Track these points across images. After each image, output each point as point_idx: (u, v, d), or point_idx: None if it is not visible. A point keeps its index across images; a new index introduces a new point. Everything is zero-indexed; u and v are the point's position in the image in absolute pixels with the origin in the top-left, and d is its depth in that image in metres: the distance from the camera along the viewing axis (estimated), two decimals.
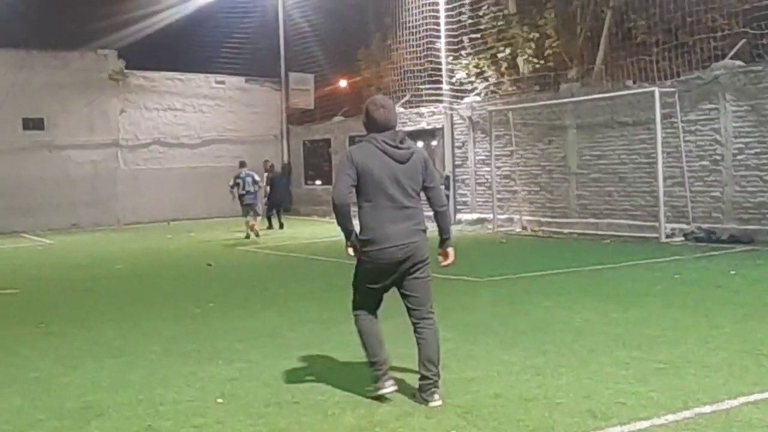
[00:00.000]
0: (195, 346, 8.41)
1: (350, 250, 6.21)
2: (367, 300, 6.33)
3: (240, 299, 11.55)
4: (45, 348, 8.67)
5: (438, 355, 6.14)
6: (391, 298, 6.36)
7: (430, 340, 6.16)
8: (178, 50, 29.82)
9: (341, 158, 6.13)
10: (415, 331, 6.24)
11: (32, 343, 8.98)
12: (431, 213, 6.47)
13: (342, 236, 6.21)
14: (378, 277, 6.15)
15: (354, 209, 5.92)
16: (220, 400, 6.33)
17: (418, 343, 6.18)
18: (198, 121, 31.43)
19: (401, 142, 6.15)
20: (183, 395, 6.54)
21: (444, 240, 6.54)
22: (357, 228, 6.13)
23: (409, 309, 6.29)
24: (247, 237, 20.69)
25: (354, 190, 6.07)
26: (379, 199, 6.04)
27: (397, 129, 6.25)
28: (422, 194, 6.29)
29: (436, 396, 6.01)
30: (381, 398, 6.11)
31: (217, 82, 31.99)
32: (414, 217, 6.17)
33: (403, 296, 6.29)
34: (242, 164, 22.36)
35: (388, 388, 6.13)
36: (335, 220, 6.19)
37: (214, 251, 18.65)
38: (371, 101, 6.28)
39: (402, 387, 6.31)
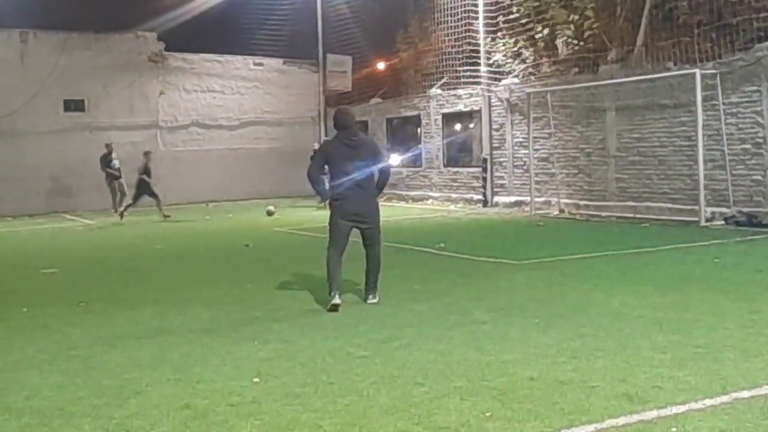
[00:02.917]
0: (232, 326, 8.49)
1: (328, 205, 9.72)
2: (336, 238, 9.56)
3: (277, 280, 11.59)
4: (85, 326, 8.79)
5: (376, 269, 9.65)
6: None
7: (371, 265, 9.65)
8: (217, 32, 29.87)
9: (318, 150, 10.58)
10: (366, 255, 9.71)
11: (73, 321, 9.11)
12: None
13: None
14: (342, 221, 9.48)
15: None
16: (256, 380, 6.38)
17: (366, 261, 9.68)
18: (236, 103, 31.54)
19: (353, 137, 9.59)
20: (219, 374, 6.60)
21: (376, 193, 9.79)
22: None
23: (363, 242, 9.72)
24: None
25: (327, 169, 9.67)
26: (340, 174, 9.41)
27: (354, 127, 9.79)
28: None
29: (371, 297, 9.62)
30: (334, 307, 9.07)
31: (256, 64, 32.06)
32: (364, 186, 9.45)
33: (361, 235, 9.65)
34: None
35: (335, 299, 9.16)
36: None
37: (252, 232, 18.73)
38: (337, 110, 9.95)
39: (432, 370, 6.33)
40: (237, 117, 31.47)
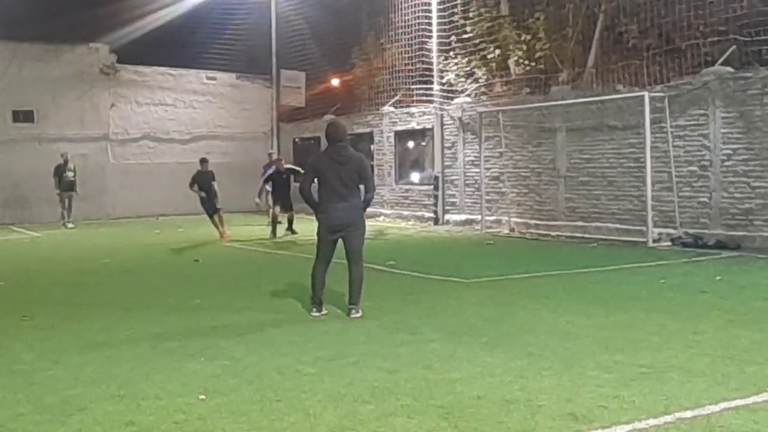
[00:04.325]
0: (179, 343, 8.40)
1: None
2: (322, 251, 9.80)
3: (226, 296, 11.54)
4: (29, 341, 8.66)
5: (358, 287, 9.72)
6: None
7: (354, 276, 9.72)
8: (171, 45, 29.74)
9: (308, 165, 10.21)
10: (348, 269, 9.79)
11: (17, 335, 8.97)
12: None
13: None
14: (327, 233, 9.70)
15: None
16: (202, 397, 6.33)
17: (348, 275, 9.78)
18: (188, 117, 31.40)
19: (343, 152, 9.66)
20: (165, 391, 6.53)
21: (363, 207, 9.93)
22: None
23: (346, 254, 9.78)
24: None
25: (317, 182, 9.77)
26: (327, 188, 9.62)
27: (345, 143, 9.84)
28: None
29: (353, 311, 9.64)
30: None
31: (209, 78, 31.97)
32: (349, 199, 9.61)
33: (345, 248, 9.74)
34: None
35: (314, 312, 9.68)
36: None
37: (202, 247, 18.62)
38: (329, 124, 9.95)
39: (380, 388, 6.33)
40: (189, 131, 31.31)
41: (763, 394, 6.10)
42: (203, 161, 21.15)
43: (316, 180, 9.82)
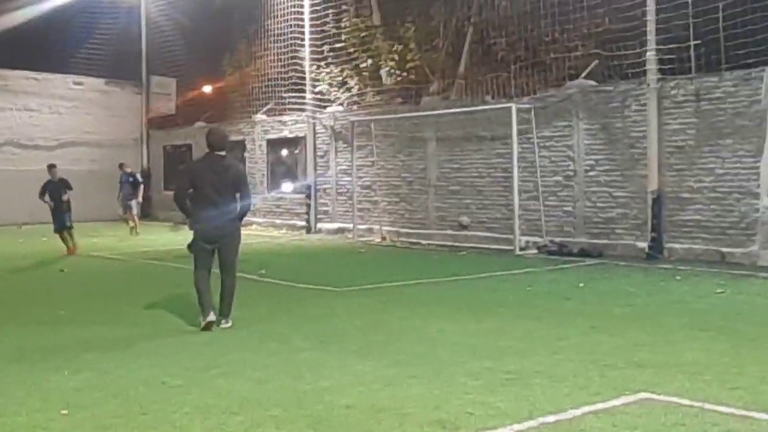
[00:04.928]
0: (41, 355, 8.13)
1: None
2: (199, 259, 9.56)
3: (92, 307, 11.24)
4: None
5: (229, 299, 9.60)
6: None
7: (226, 287, 9.61)
8: (36, 49, 28.78)
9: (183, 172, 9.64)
10: (221, 280, 9.65)
11: None
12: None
13: None
14: (202, 242, 9.48)
15: None
16: (64, 412, 6.13)
17: (221, 286, 9.62)
18: (54, 123, 30.47)
19: (221, 161, 9.50)
20: (25, 406, 6.29)
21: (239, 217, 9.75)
22: None
23: (220, 265, 9.63)
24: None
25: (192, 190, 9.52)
26: (202, 197, 9.40)
27: (224, 152, 9.62)
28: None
29: (224, 321, 9.48)
30: (208, 325, 9.27)
31: (76, 83, 31.13)
32: (223, 208, 9.36)
33: (219, 257, 9.61)
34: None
35: (210, 317, 9.31)
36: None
37: (68, 257, 18.07)
38: (209, 131, 9.90)
39: (249, 398, 6.28)
40: (55, 137, 30.36)
41: (622, 397, 6.31)
42: (51, 167, 19.21)
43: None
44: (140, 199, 24.33)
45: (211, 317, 9.30)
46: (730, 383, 6.68)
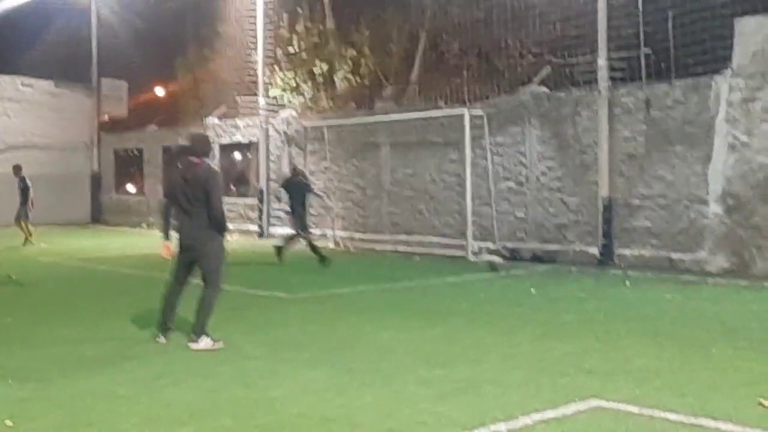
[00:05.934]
0: None
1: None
2: (173, 270, 9.21)
3: (40, 314, 11.06)
4: None
5: (199, 312, 8.87)
6: None
7: (199, 301, 8.94)
8: None
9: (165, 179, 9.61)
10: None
11: None
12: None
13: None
14: (179, 251, 9.13)
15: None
16: (9, 423, 6.01)
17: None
18: (2, 126, 29.97)
19: (190, 167, 9.07)
20: None
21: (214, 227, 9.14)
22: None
23: (201, 276, 9.13)
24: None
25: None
26: (176, 205, 9.08)
27: (194, 158, 9.16)
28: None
29: (191, 342, 8.75)
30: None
31: (24, 85, 30.63)
32: (194, 217, 8.94)
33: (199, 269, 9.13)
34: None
35: (160, 340, 9.00)
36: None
37: (16, 262, 17.78)
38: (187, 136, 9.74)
39: (198, 408, 6.21)
40: (3, 140, 29.85)
41: (573, 405, 6.35)
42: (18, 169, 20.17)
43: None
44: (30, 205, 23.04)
45: (161, 340, 8.96)
46: (679, 390, 6.76)
